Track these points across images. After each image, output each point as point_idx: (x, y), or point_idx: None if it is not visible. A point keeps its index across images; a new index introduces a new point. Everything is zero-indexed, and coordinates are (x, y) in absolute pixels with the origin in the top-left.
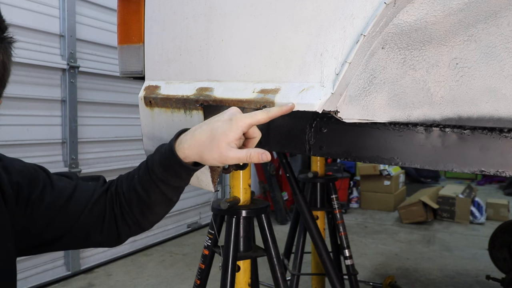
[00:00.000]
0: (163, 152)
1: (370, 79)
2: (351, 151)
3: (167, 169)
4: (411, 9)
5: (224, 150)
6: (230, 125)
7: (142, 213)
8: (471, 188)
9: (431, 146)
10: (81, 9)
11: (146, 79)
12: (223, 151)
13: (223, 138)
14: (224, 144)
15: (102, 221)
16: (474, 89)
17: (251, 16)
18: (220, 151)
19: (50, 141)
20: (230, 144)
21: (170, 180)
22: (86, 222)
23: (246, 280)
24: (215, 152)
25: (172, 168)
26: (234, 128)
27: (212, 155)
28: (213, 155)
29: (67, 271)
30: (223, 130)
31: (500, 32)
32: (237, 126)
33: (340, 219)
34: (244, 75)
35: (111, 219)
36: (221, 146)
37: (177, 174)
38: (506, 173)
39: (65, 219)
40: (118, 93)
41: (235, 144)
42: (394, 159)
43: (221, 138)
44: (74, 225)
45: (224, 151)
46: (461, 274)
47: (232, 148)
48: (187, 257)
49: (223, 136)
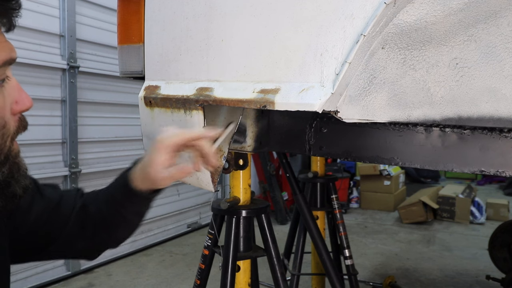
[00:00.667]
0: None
1: (370, 79)
2: (351, 151)
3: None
4: (411, 9)
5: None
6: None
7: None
8: (471, 188)
9: (431, 146)
10: (81, 9)
11: (146, 79)
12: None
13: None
14: (152, 170)
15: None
16: (474, 89)
17: (251, 16)
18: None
19: (50, 141)
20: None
21: (130, 206)
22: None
23: (246, 280)
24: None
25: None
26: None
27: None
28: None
29: (67, 271)
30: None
31: (500, 32)
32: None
33: (340, 219)
34: (244, 75)
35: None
36: (150, 172)
37: (134, 201)
38: (506, 173)
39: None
40: (118, 93)
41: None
42: (394, 159)
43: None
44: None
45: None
46: (461, 274)
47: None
48: (187, 257)
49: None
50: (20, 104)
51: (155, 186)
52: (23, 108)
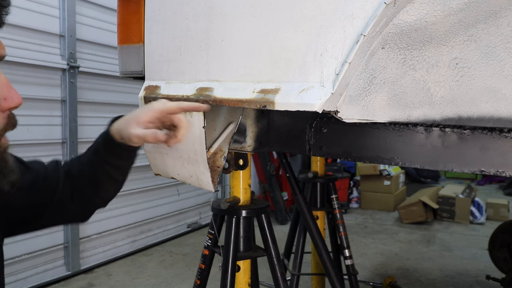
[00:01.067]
0: (103, 134)
1: (370, 79)
2: (351, 151)
3: (107, 149)
4: (411, 9)
5: (131, 129)
6: (143, 109)
7: (93, 192)
8: (471, 188)
9: (431, 146)
10: (81, 9)
11: (146, 79)
12: (131, 129)
13: (135, 119)
14: (134, 123)
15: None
16: (474, 89)
17: (251, 16)
18: (129, 130)
19: (50, 141)
20: (139, 124)
21: (112, 160)
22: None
23: (246, 280)
24: (126, 131)
25: (111, 148)
26: (145, 112)
27: (125, 134)
28: (125, 134)
29: (67, 271)
30: (136, 113)
31: (500, 32)
32: (148, 110)
33: (340, 219)
34: (244, 75)
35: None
36: (132, 125)
37: (117, 153)
38: (506, 173)
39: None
40: (118, 93)
41: (146, 126)
42: (394, 159)
43: (133, 119)
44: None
45: (131, 129)
46: (461, 274)
47: (137, 127)
48: (187, 257)
49: (135, 117)
50: (9, 101)
51: (129, 142)
52: (12, 105)
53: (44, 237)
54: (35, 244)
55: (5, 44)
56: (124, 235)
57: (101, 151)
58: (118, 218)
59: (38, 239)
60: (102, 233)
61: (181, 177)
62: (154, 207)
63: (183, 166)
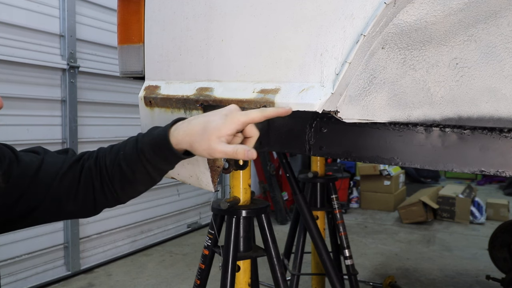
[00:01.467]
0: (156, 135)
1: (370, 79)
2: (351, 151)
3: (157, 152)
4: (411, 9)
5: (213, 143)
6: (224, 120)
7: (122, 188)
8: (471, 188)
9: (431, 146)
10: (81, 9)
11: (146, 79)
12: (212, 144)
13: (215, 132)
14: (215, 137)
15: (75, 191)
16: (474, 89)
17: (251, 16)
18: (210, 144)
19: (50, 141)
20: (221, 138)
21: (158, 163)
22: (57, 193)
23: (246, 280)
24: (205, 143)
25: (163, 152)
26: (227, 124)
27: (202, 146)
28: (202, 146)
29: (67, 271)
30: (217, 124)
31: (500, 32)
32: (231, 122)
33: (340, 219)
34: (244, 75)
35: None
36: (212, 139)
37: (167, 158)
38: (506, 173)
39: (35, 191)
40: (118, 93)
41: (226, 140)
42: (394, 159)
43: (213, 132)
44: (45, 197)
45: (213, 144)
46: (461, 274)
47: (221, 142)
48: (187, 257)
49: (216, 130)
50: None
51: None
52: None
53: (44, 237)
54: (35, 244)
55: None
56: (124, 235)
57: (148, 153)
58: (118, 218)
59: (38, 239)
60: (102, 233)
61: (181, 177)
62: (154, 207)
63: (183, 166)
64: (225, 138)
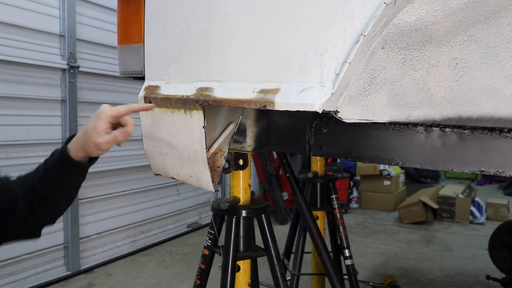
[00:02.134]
0: (57, 155)
1: (370, 79)
2: (351, 151)
3: (62, 167)
4: (411, 9)
5: (96, 140)
6: (97, 120)
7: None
8: (471, 188)
9: (431, 146)
10: (81, 9)
11: (146, 79)
12: (95, 140)
13: (93, 131)
14: (95, 135)
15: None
16: (474, 89)
17: (251, 16)
18: (93, 141)
19: (50, 141)
20: (100, 134)
21: (67, 177)
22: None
23: (246, 280)
24: (91, 142)
25: (67, 166)
26: (100, 121)
27: (90, 146)
28: (90, 146)
29: (67, 271)
30: (92, 124)
31: (500, 32)
32: (103, 118)
33: (340, 219)
34: (244, 75)
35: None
36: (94, 136)
37: (72, 170)
38: (506, 173)
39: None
40: (118, 93)
41: (106, 133)
42: (394, 159)
43: (92, 132)
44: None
45: (96, 140)
46: (461, 274)
47: (102, 136)
48: (187, 257)
49: (93, 129)
50: None
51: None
52: None
53: (44, 237)
54: (35, 244)
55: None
56: (124, 235)
57: (55, 170)
58: (118, 218)
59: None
60: (102, 233)
61: (181, 177)
62: (154, 207)
63: (183, 166)
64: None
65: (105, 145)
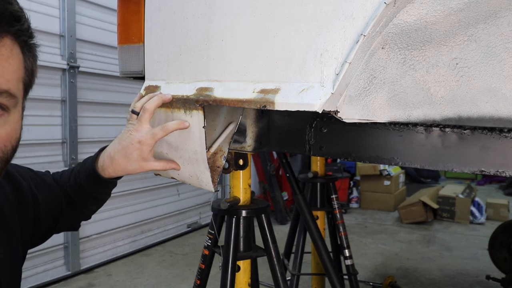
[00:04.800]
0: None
1: (370, 79)
2: (351, 151)
3: (96, 184)
4: (411, 9)
5: (145, 166)
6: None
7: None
8: (471, 188)
9: (431, 146)
10: (81, 9)
11: (146, 79)
12: (145, 166)
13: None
14: (143, 163)
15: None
16: (474, 89)
17: (251, 16)
18: (142, 167)
19: (50, 141)
20: (147, 159)
21: (100, 190)
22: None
23: (246, 280)
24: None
25: (100, 184)
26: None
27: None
28: (136, 170)
29: (67, 271)
30: (138, 154)
31: (500, 32)
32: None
33: (340, 219)
34: (244, 75)
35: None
36: (142, 164)
37: (105, 185)
38: (506, 173)
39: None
40: (118, 93)
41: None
42: (394, 159)
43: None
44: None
45: (145, 166)
46: (461, 274)
47: (150, 162)
48: (187, 257)
49: (141, 158)
50: None
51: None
52: None
53: None
54: None
55: None
56: (124, 235)
57: (87, 186)
58: (118, 218)
59: None
60: (102, 233)
61: (181, 177)
62: (154, 207)
63: (183, 166)
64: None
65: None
